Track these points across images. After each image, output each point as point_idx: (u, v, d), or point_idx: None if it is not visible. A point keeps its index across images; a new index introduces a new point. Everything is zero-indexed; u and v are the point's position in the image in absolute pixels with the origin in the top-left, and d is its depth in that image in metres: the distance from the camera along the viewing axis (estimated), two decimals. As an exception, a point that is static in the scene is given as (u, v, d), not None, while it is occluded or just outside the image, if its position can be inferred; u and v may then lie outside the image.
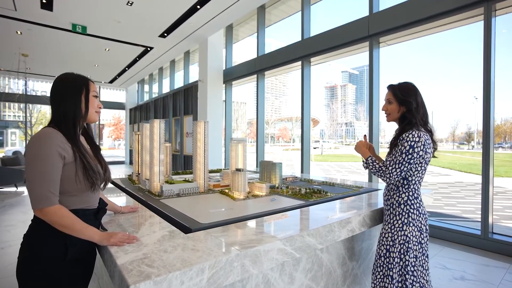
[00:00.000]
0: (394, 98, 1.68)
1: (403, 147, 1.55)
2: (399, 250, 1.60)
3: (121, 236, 1.20)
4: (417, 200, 1.63)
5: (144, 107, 12.44)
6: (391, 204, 1.69)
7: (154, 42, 7.86)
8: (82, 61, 9.79)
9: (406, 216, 1.61)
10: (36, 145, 1.14)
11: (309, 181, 2.99)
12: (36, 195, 1.11)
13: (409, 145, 1.53)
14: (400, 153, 1.56)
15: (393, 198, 1.68)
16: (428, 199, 2.44)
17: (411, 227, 1.60)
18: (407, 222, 1.61)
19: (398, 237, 1.61)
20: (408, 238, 1.59)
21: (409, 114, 1.64)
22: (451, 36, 79.49)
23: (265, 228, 1.46)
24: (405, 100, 1.64)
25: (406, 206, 1.62)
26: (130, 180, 2.96)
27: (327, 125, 44.92)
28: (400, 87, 1.68)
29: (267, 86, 7.16)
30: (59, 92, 1.26)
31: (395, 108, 1.68)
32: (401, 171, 1.56)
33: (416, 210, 1.62)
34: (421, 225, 1.62)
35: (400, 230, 1.62)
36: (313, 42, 5.41)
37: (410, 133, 1.56)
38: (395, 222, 1.64)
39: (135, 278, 0.91)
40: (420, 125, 1.63)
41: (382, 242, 1.68)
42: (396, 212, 1.65)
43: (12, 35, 7.29)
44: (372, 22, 4.43)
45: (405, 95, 1.65)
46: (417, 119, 1.62)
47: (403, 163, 1.55)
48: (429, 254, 3.36)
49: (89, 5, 5.73)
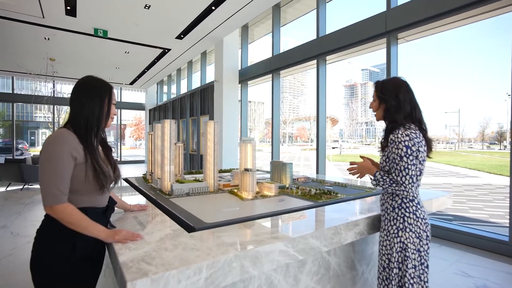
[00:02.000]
0: (376, 95, 1.61)
1: (400, 151, 1.43)
2: (397, 260, 1.49)
3: (125, 233, 1.23)
4: (413, 203, 1.50)
5: (162, 108, 12.75)
6: (386, 209, 1.58)
7: (171, 43, 8.03)
8: (104, 63, 10.18)
9: (401, 221, 1.49)
10: (49, 146, 1.19)
11: (321, 182, 2.94)
12: (46, 193, 1.16)
13: (405, 145, 1.43)
14: (399, 158, 1.44)
15: (387, 202, 1.58)
16: (446, 201, 2.33)
17: (408, 233, 1.47)
18: (403, 228, 1.48)
19: (394, 244, 1.50)
20: (405, 245, 1.47)
21: (386, 113, 1.56)
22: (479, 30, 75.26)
23: (268, 229, 1.45)
24: (382, 98, 1.56)
25: (400, 210, 1.51)
26: (144, 179, 3.04)
27: (346, 125, 44.02)
28: (382, 84, 1.59)
29: (285, 86, 7.14)
30: (83, 95, 1.30)
31: (377, 106, 1.61)
32: (411, 176, 1.43)
33: (413, 214, 1.48)
34: (420, 230, 1.48)
35: (395, 237, 1.50)
36: (328, 40, 5.31)
37: (399, 133, 1.45)
38: (389, 228, 1.53)
39: (133, 275, 0.93)
40: (406, 124, 1.50)
41: (383, 252, 1.57)
42: (390, 217, 1.54)
43: (40, 41, 7.71)
44: (390, 18, 4.28)
45: (384, 92, 1.56)
46: (397, 118, 1.51)
47: (410, 168, 1.43)
48: (449, 260, 3.22)
49: (109, 10, 5.94)
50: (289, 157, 23.39)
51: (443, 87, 77.47)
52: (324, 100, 5.66)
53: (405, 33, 4.30)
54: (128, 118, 29.41)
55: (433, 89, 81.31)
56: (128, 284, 0.89)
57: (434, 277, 2.86)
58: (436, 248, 3.62)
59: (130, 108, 16.14)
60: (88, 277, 1.31)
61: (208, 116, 8.36)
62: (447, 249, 3.59)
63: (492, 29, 73.69)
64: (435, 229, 4.04)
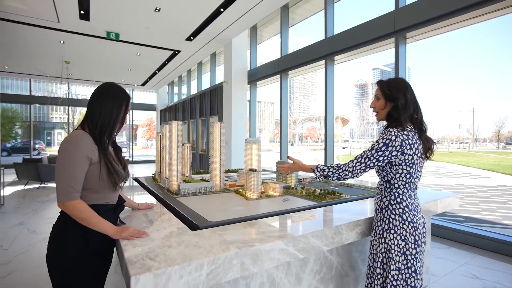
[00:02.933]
0: (381, 93, 1.58)
1: (377, 143, 1.46)
2: (381, 260, 1.49)
3: (131, 231, 1.30)
4: (401, 205, 1.47)
5: (173, 108, 12.93)
6: (376, 209, 1.59)
7: (181, 45, 8.16)
8: (117, 65, 10.42)
9: (386, 222, 1.49)
10: (66, 146, 1.28)
11: (327, 182, 2.95)
12: (60, 190, 1.23)
13: (383, 142, 1.44)
14: (371, 148, 1.48)
15: (377, 203, 1.58)
16: (453, 202, 2.31)
17: (392, 235, 1.46)
18: (387, 229, 1.48)
19: (379, 244, 1.50)
20: (388, 246, 1.46)
21: (395, 112, 1.53)
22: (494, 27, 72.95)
23: (270, 228, 1.48)
24: (392, 96, 1.53)
25: (387, 211, 1.50)
26: (153, 179, 3.12)
27: (357, 125, 43.51)
28: (388, 83, 1.58)
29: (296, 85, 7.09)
30: (105, 99, 1.38)
31: (383, 105, 1.58)
32: (366, 166, 1.47)
33: (399, 216, 1.46)
34: (406, 233, 1.44)
35: (380, 237, 1.50)
36: (336, 40, 5.30)
37: (388, 131, 1.46)
38: (376, 229, 1.54)
39: (137, 270, 0.98)
40: (407, 124, 1.50)
41: (370, 251, 1.58)
42: (378, 217, 1.55)
43: (56, 44, 7.97)
44: (398, 17, 4.24)
45: (392, 90, 1.54)
46: (403, 117, 1.50)
47: (370, 158, 1.46)
48: (458, 261, 3.17)
49: (121, 14, 6.10)
50: (299, 157, 23.31)
51: (456, 86, 75.52)
52: (332, 100, 5.64)
53: (414, 33, 4.24)
54: (140, 118, 29.97)
55: (446, 88, 79.37)
56: (132, 279, 0.94)
57: (441, 279, 2.83)
58: (444, 250, 3.57)
59: (142, 109, 16.45)
60: (99, 270, 1.38)
61: (217, 116, 8.45)
62: (456, 251, 3.53)
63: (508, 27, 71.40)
64: (444, 231, 3.98)
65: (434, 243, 3.77)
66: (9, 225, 4.53)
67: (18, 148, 16.79)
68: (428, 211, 2.08)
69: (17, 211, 5.37)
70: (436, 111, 43.66)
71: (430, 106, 72.56)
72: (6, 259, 3.26)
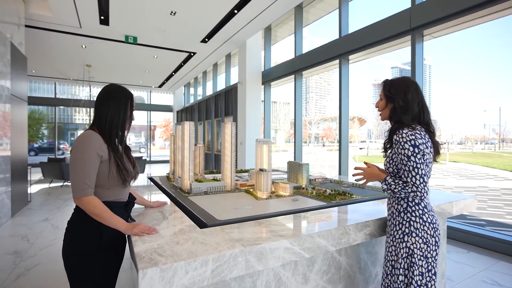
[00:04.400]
0: (383, 94, 1.58)
1: (407, 150, 1.39)
2: (403, 266, 1.43)
3: (142, 227, 1.35)
4: (419, 206, 1.44)
5: (189, 109, 13.17)
6: (392, 213, 1.53)
7: (197, 47, 8.31)
8: (135, 68, 10.74)
9: (407, 226, 1.44)
10: (78, 145, 1.35)
11: (339, 183, 2.92)
12: (75, 187, 1.31)
13: (411, 144, 1.38)
14: (407, 159, 1.39)
15: (393, 207, 1.53)
16: (470, 205, 2.23)
17: (414, 238, 1.42)
18: (409, 232, 1.43)
19: (400, 249, 1.44)
20: (411, 251, 1.42)
21: (393, 113, 1.52)
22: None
23: (276, 227, 1.50)
24: (390, 97, 1.53)
25: (406, 214, 1.45)
26: (167, 178, 3.21)
27: (374, 125, 42.51)
28: (391, 83, 1.55)
29: (312, 85, 7.06)
30: (107, 101, 1.46)
31: (383, 105, 1.57)
32: (422, 176, 1.37)
33: (419, 218, 1.43)
34: (427, 235, 1.42)
35: (401, 242, 1.44)
36: (350, 39, 5.22)
37: (403, 133, 1.41)
38: (395, 233, 1.48)
39: (145, 265, 1.03)
40: (412, 125, 1.46)
41: (388, 258, 1.51)
42: (396, 221, 1.49)
43: (78, 49, 8.34)
44: (415, 14, 4.13)
45: (392, 92, 1.52)
46: (404, 118, 1.47)
47: (418, 166, 1.37)
48: (478, 267, 3.06)
49: (138, 18, 6.30)
50: (314, 157, 23.08)
51: (481, 84, 72.02)
52: (347, 100, 5.57)
53: (431, 30, 4.12)
54: (158, 119, 30.72)
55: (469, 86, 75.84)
56: (140, 272, 0.99)
57: (458, 284, 2.73)
58: (463, 254, 3.44)
59: (159, 110, 16.85)
60: (111, 264, 1.45)
61: (232, 117, 8.53)
62: (477, 256, 3.40)
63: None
64: (464, 234, 3.84)
65: (452, 247, 3.65)
66: (35, 221, 4.78)
67: (44, 148, 17.65)
68: (443, 213, 2.02)
69: (42, 208, 5.66)
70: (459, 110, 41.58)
71: (453, 105, 69.68)
72: (32, 252, 3.46)
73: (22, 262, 3.21)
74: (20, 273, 2.95)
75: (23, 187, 5.68)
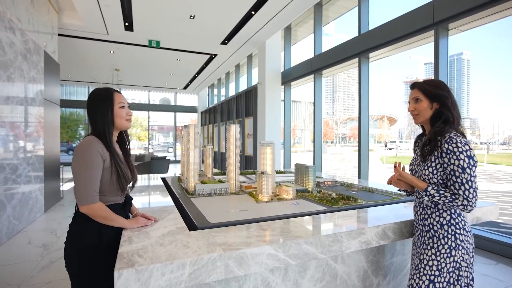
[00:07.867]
0: (423, 94, 1.46)
1: (462, 161, 1.31)
2: (447, 280, 1.36)
3: (141, 220, 1.52)
4: (461, 217, 1.41)
5: (212, 110, 13.42)
6: (430, 225, 1.45)
7: (217, 49, 8.45)
8: (160, 71, 11.16)
9: (453, 239, 1.38)
10: (82, 152, 1.38)
11: (349, 186, 2.82)
12: (83, 195, 1.34)
13: (467, 155, 1.31)
14: (461, 170, 1.31)
15: (431, 218, 1.44)
16: (489, 213, 2.05)
17: (461, 251, 1.37)
18: (456, 246, 1.37)
19: (446, 264, 1.37)
20: (459, 264, 1.37)
21: (446, 110, 1.40)
22: None
23: (263, 232, 1.47)
24: (438, 94, 1.42)
25: (450, 227, 1.39)
26: (179, 179, 3.29)
27: (405, 124, 40.49)
28: (429, 82, 1.47)
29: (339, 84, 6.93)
30: (90, 107, 1.50)
31: (426, 106, 1.45)
32: (475, 189, 1.31)
33: (463, 230, 1.39)
34: (469, 245, 1.40)
35: (448, 257, 1.38)
36: (370, 36, 5.02)
37: (458, 141, 1.32)
38: (440, 247, 1.39)
39: (122, 265, 1.06)
40: (455, 126, 1.40)
41: (424, 272, 1.40)
42: (439, 235, 1.41)
43: (107, 54, 8.84)
44: (438, 7, 3.88)
45: (437, 89, 1.43)
46: (454, 116, 1.39)
47: (473, 180, 1.31)
48: (507, 281, 2.81)
49: (159, 23, 6.55)
50: (340, 158, 22.43)
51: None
52: (367, 100, 5.37)
53: (457, 23, 3.84)
54: (185, 120, 31.84)
55: (506, 79, 69.57)
56: (115, 273, 1.02)
57: (480, 298, 2.53)
58: (491, 266, 3.17)
59: (185, 111, 17.35)
60: (112, 263, 1.51)
61: (252, 118, 8.56)
62: (507, 269, 3.12)
63: None
64: (493, 244, 3.54)
65: (479, 258, 3.38)
66: (65, 216, 5.14)
67: (80, 147, 18.84)
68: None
69: (72, 204, 6.06)
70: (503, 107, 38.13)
71: (494, 102, 64.43)
72: (58, 246, 3.72)
73: (48, 254, 3.46)
74: (44, 265, 3.19)
75: (55, 185, 6.12)
